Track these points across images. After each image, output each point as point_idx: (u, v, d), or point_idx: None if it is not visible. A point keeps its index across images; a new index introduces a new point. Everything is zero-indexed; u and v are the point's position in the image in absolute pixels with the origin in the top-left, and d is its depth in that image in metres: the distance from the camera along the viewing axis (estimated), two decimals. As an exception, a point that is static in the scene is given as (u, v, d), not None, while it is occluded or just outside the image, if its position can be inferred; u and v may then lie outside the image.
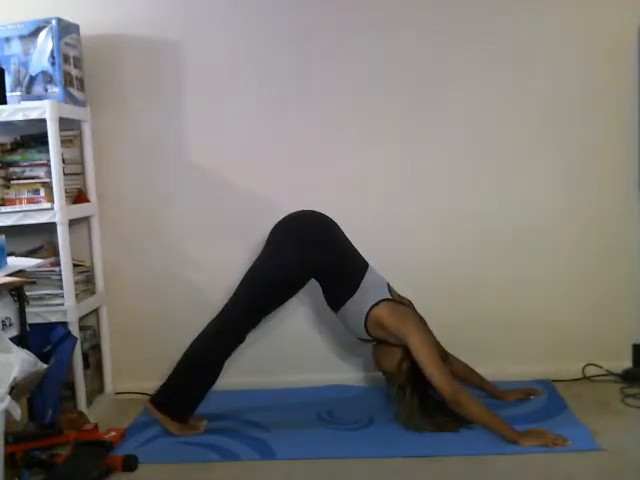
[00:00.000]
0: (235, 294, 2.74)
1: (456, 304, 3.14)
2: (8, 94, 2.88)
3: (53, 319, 2.81)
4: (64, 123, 2.86)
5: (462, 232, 3.14)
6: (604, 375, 3.08)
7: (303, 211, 2.83)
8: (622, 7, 3.01)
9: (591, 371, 3.10)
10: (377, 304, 2.66)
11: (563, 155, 3.09)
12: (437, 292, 3.11)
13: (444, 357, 2.74)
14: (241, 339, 2.76)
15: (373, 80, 3.11)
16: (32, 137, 3.00)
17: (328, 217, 2.81)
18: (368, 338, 2.73)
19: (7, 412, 2.01)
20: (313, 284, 2.78)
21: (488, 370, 2.95)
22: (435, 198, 3.14)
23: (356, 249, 2.80)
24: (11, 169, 2.90)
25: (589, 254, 3.13)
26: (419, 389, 2.64)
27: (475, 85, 3.08)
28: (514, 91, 3.08)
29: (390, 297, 2.70)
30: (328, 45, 3.10)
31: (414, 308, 2.78)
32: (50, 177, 2.80)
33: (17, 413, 2.03)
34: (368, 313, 2.66)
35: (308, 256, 2.70)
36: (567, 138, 3.08)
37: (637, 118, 3.03)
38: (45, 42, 2.84)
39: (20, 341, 2.42)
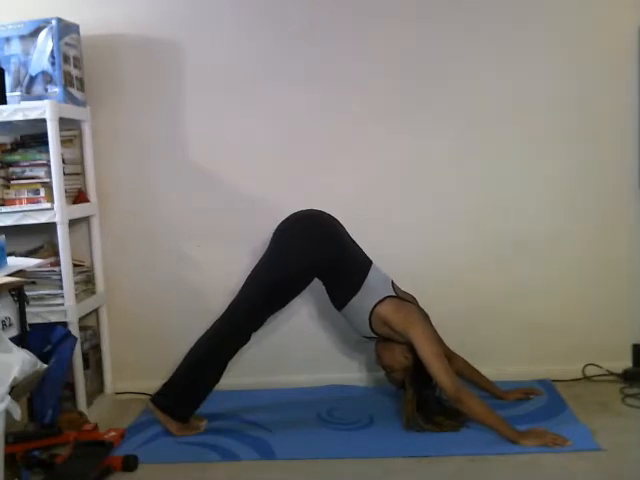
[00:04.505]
0: (239, 295, 2.74)
1: (456, 304, 3.14)
2: (8, 94, 2.87)
3: (53, 319, 2.81)
4: (64, 123, 2.86)
5: (462, 232, 3.14)
6: (604, 375, 3.08)
7: (305, 211, 2.83)
8: (622, 7, 3.01)
9: (591, 371, 3.11)
10: (381, 301, 2.66)
11: (563, 155, 3.09)
12: (437, 292, 3.10)
13: (447, 355, 2.74)
14: (246, 339, 2.75)
15: (374, 80, 3.10)
16: (32, 137, 2.99)
17: (330, 216, 2.81)
18: (373, 335, 2.73)
19: (7, 412, 2.00)
20: (316, 283, 2.78)
21: (488, 370, 2.95)
22: (435, 198, 3.14)
23: (359, 247, 2.81)
24: (11, 169, 2.90)
25: (589, 254, 3.12)
26: (421, 387, 2.64)
27: (475, 86, 3.08)
28: (514, 92, 3.07)
29: (394, 294, 2.70)
30: (328, 44, 3.10)
31: (418, 304, 2.79)
32: (50, 177, 2.80)
33: (17, 413, 2.02)
34: (372, 310, 2.66)
35: (311, 257, 2.70)
36: (567, 138, 3.08)
37: (637, 118, 3.03)
38: (45, 42, 2.84)
39: (20, 341, 2.41)
